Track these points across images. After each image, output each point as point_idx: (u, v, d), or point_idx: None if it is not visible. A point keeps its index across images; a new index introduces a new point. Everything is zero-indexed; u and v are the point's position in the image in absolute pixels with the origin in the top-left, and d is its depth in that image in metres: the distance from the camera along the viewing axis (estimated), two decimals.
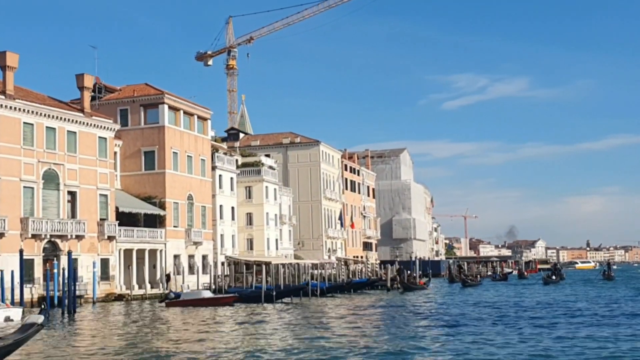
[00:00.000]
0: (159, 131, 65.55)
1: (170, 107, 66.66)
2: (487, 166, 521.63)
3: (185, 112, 68.88)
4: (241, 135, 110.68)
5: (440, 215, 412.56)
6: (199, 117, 71.21)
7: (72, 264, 45.42)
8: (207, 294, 50.10)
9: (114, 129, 60.69)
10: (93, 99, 67.22)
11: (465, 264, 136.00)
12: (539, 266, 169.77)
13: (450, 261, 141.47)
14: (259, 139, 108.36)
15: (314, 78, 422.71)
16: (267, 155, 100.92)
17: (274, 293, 51.69)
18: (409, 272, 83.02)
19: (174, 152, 66.49)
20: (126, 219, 63.15)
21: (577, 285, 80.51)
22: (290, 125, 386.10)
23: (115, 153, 65.37)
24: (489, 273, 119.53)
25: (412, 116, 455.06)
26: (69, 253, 45.79)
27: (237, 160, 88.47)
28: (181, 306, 47.53)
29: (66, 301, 43.40)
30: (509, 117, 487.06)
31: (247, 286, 65.45)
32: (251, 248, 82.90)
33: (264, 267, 69.74)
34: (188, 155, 68.68)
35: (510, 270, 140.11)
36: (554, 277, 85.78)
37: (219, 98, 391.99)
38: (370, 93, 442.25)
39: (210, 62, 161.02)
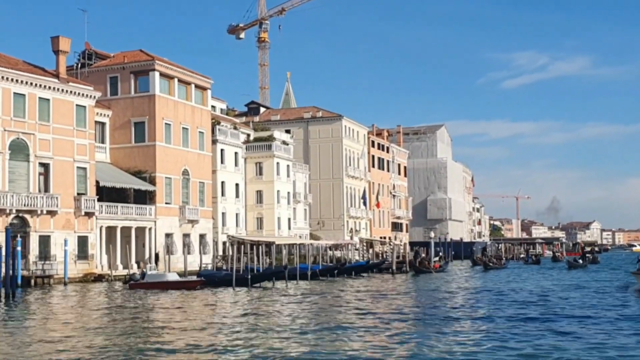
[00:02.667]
0: (150, 100, 61.04)
1: (163, 75, 62.06)
2: (546, 146, 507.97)
3: (180, 81, 64.23)
4: (262, 110, 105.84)
5: (493, 196, 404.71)
6: (197, 87, 66.48)
7: (10, 239, 40.93)
8: (173, 277, 45.48)
9: (94, 97, 56.32)
10: (82, 66, 63.47)
11: (503, 245, 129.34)
12: (587, 249, 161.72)
13: (488, 243, 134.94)
14: (280, 113, 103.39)
15: (361, 56, 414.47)
16: (288, 131, 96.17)
17: (249, 277, 46.73)
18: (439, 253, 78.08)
19: (166, 124, 61.94)
20: (116, 195, 59.15)
21: (603, 272, 73.42)
22: (336, 105, 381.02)
23: (104, 124, 61.42)
24: (522, 256, 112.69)
25: (470, 95, 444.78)
26: (7, 229, 41.53)
27: (248, 135, 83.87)
28: (145, 289, 43.06)
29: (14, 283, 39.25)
30: (570, 96, 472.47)
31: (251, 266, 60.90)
32: (261, 227, 78.24)
33: (261, 247, 65.40)
34: (183, 127, 64.07)
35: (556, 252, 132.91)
36: (580, 261, 78.75)
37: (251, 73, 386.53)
38: (427, 72, 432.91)
39: (242, 35, 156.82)
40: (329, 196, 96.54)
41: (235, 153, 73.22)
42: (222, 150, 70.46)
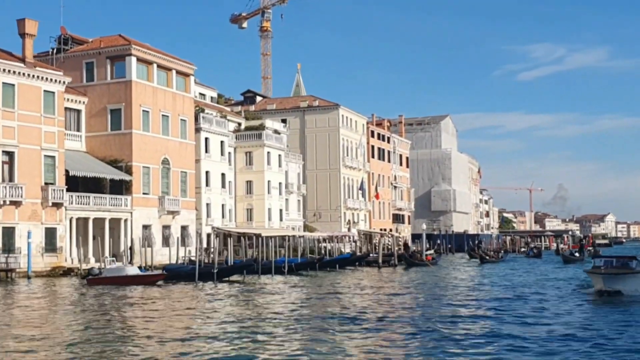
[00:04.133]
0: (126, 86, 58.46)
1: (140, 60, 59.45)
2: (562, 138, 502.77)
3: (160, 66, 61.60)
4: (259, 99, 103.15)
5: (506, 189, 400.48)
6: (179, 73, 63.83)
7: None
8: (133, 271, 42.81)
9: (64, 82, 53.79)
10: (58, 51, 61.01)
11: (510, 238, 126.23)
12: (597, 242, 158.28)
13: (493, 235, 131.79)
14: (276, 102, 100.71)
15: (371, 46, 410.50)
16: (284, 120, 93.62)
17: (215, 271, 44.07)
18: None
19: (144, 111, 59.35)
20: (92, 185, 56.73)
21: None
22: (341, 95, 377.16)
23: (79, 111, 58.98)
24: (523, 249, 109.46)
25: (486, 87, 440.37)
26: None
27: (239, 124, 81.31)
28: (103, 284, 40.49)
29: None
30: (587, 88, 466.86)
31: (235, 260, 58.43)
32: (251, 219, 75.70)
33: (248, 239, 62.91)
34: (163, 115, 61.47)
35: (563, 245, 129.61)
36: (577, 255, 75.37)
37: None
38: (441, 64, 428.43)
39: (245, 25, 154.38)
40: (326, 187, 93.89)
41: (222, 142, 70.53)
42: (206, 138, 67.79)
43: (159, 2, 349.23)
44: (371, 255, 66.79)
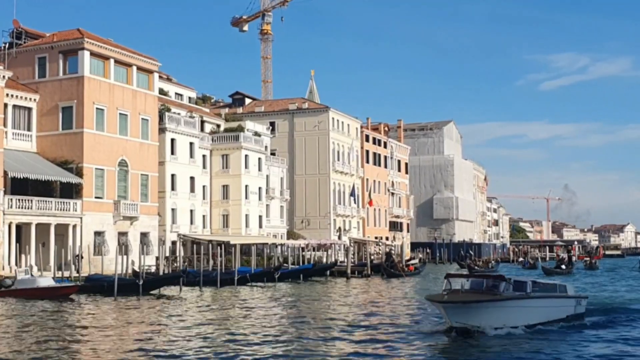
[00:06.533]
0: (78, 82, 54.47)
1: (95, 54, 55.45)
2: (585, 148, 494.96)
3: (119, 62, 57.57)
4: (248, 101, 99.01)
5: (523, 197, 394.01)
6: (141, 69, 59.74)
7: None
8: (47, 282, 38.62)
9: (5, 77, 49.94)
10: (11, 46, 57.31)
11: (512, 247, 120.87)
12: (608, 252, 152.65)
13: (497, 245, 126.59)
14: (265, 104, 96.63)
15: (393, 55, 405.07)
16: (272, 123, 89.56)
17: (140, 282, 39.71)
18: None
19: (98, 108, 55.31)
20: (42, 189, 52.78)
21: (585, 277, 64.89)
22: (353, 102, 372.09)
23: (30, 109, 55.12)
24: (520, 259, 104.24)
25: (508, 97, 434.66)
26: None
27: (219, 126, 77.25)
28: (14, 296, 36.33)
29: None
30: (610, 98, 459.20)
31: (205, 269, 54.25)
32: (227, 225, 71.45)
33: (204, 247, 58.64)
34: (121, 113, 57.39)
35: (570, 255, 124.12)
36: (563, 267, 69.94)
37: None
38: (465, 73, 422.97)
39: (245, 28, 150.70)
40: (315, 193, 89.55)
41: (191, 143, 66.38)
42: (172, 139, 63.67)
43: (160, 3, 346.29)
44: (339, 264, 62.05)
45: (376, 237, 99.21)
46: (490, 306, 23.85)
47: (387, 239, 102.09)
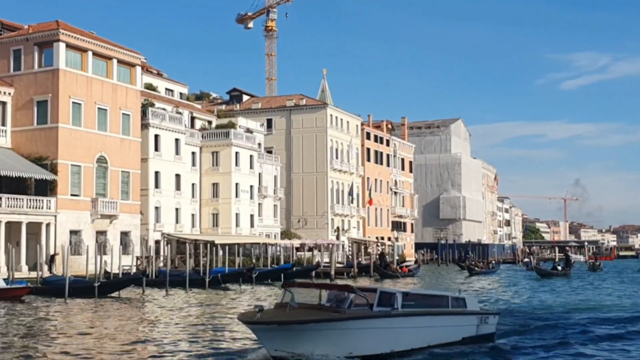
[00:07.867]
0: (53, 75, 52.47)
1: (72, 47, 53.44)
2: (605, 148, 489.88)
3: (97, 55, 55.52)
4: (245, 98, 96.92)
5: (539, 197, 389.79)
6: (122, 62, 57.66)
7: None
8: None
9: None
10: None
11: (521, 248, 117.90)
12: (622, 253, 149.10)
13: (507, 245, 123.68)
14: (262, 101, 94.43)
15: (411, 56, 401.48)
16: (269, 120, 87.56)
17: (97, 285, 37.50)
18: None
19: (74, 103, 53.27)
20: (16, 186, 50.86)
21: (580, 279, 61.83)
22: (363, 100, 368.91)
23: (4, 103, 53.27)
24: (525, 260, 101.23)
25: (528, 96, 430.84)
26: None
27: (210, 122, 75.21)
28: None
29: None
30: (632, 97, 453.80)
31: (178, 269, 52.23)
32: (217, 225, 69.32)
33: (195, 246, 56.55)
34: (100, 108, 55.33)
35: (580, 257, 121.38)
36: (559, 268, 66.78)
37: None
38: (485, 73, 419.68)
39: (250, 25, 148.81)
40: (313, 191, 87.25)
41: (177, 139, 64.28)
42: (156, 135, 61.58)
43: (161, 3, 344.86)
44: (323, 265, 59.46)
45: (378, 238, 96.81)
46: (324, 328, 17.40)
47: (389, 239, 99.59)
